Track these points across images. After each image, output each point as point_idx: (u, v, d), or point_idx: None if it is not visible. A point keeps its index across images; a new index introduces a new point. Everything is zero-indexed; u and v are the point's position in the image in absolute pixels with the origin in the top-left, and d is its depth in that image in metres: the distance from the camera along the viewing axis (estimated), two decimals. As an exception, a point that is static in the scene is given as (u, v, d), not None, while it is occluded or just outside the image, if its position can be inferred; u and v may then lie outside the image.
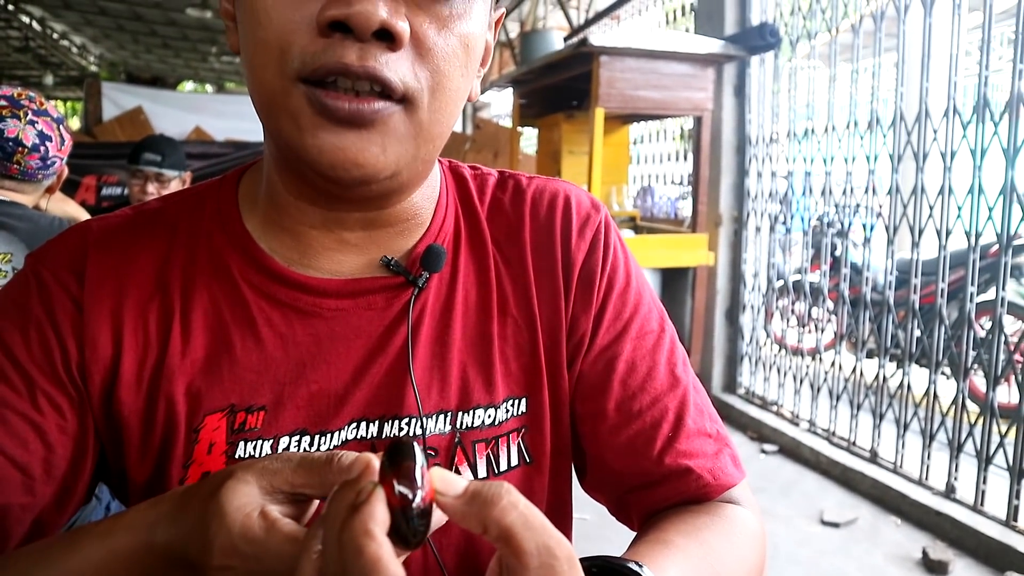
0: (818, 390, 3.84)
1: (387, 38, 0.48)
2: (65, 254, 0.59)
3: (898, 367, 3.35)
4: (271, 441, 0.57)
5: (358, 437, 0.59)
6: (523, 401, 0.63)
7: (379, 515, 0.35)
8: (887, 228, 3.34)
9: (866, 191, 3.49)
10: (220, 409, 0.57)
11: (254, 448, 0.57)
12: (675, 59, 3.87)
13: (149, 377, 0.57)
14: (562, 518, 0.68)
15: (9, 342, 0.56)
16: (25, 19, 12.39)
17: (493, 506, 0.38)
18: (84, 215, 1.98)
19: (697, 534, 0.58)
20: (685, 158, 5.26)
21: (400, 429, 0.59)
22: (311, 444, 0.58)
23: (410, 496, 0.36)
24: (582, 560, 0.44)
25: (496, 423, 0.62)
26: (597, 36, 3.73)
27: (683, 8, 5.21)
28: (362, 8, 0.46)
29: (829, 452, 3.54)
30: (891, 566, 2.70)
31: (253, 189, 0.63)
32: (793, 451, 3.74)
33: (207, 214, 0.62)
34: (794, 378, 4.01)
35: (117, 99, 6.59)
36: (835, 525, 2.98)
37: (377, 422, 0.59)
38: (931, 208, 3.06)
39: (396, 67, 0.49)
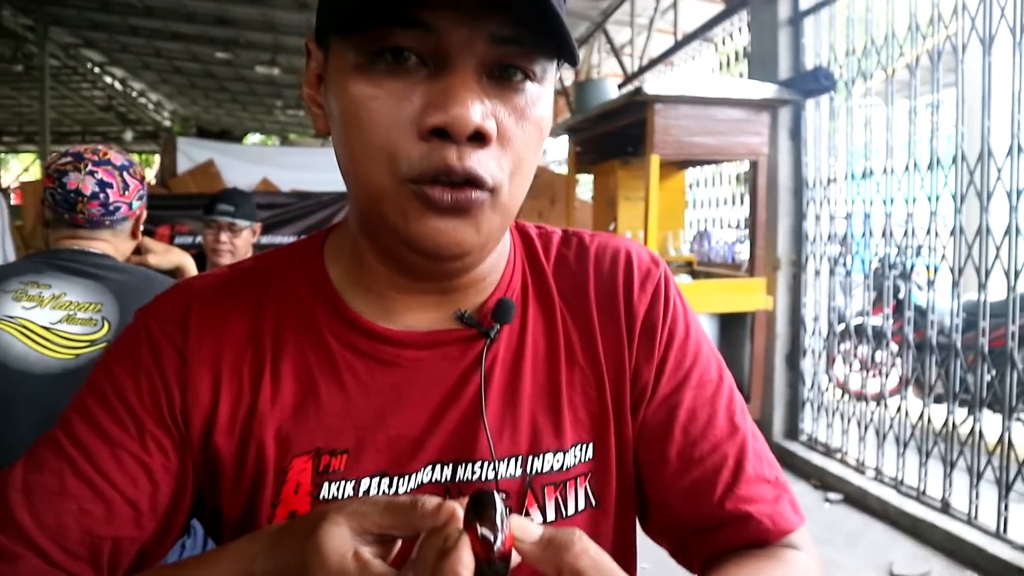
0: (884, 437, 3.72)
1: (478, 138, 0.54)
2: (171, 309, 0.65)
3: (968, 413, 3.23)
4: (353, 482, 0.62)
5: (434, 480, 0.63)
6: (590, 447, 0.67)
7: (466, 559, 0.40)
8: (952, 270, 3.27)
9: (928, 232, 3.42)
10: (306, 452, 0.62)
11: (337, 488, 0.61)
12: (729, 105, 3.90)
13: (242, 422, 0.62)
14: (627, 560, 0.70)
15: (123, 388, 0.62)
16: (108, 80, 13.14)
17: (567, 551, 0.43)
18: (188, 259, 2.10)
19: None
20: (742, 202, 5.23)
21: (473, 472, 0.63)
22: (390, 485, 0.62)
23: (492, 541, 0.41)
24: None
25: (564, 468, 0.65)
26: (651, 84, 3.79)
27: (736, 53, 5.25)
28: (459, 115, 0.52)
29: (897, 502, 3.42)
30: (967, 623, 2.58)
31: (337, 249, 0.69)
32: (859, 500, 3.62)
33: (296, 272, 0.68)
34: (858, 424, 3.90)
35: (190, 152, 6.92)
36: (906, 578, 2.87)
37: (451, 465, 0.63)
38: (998, 248, 2.99)
39: (486, 163, 0.55)
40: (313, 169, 6.80)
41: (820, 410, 4.23)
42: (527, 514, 0.64)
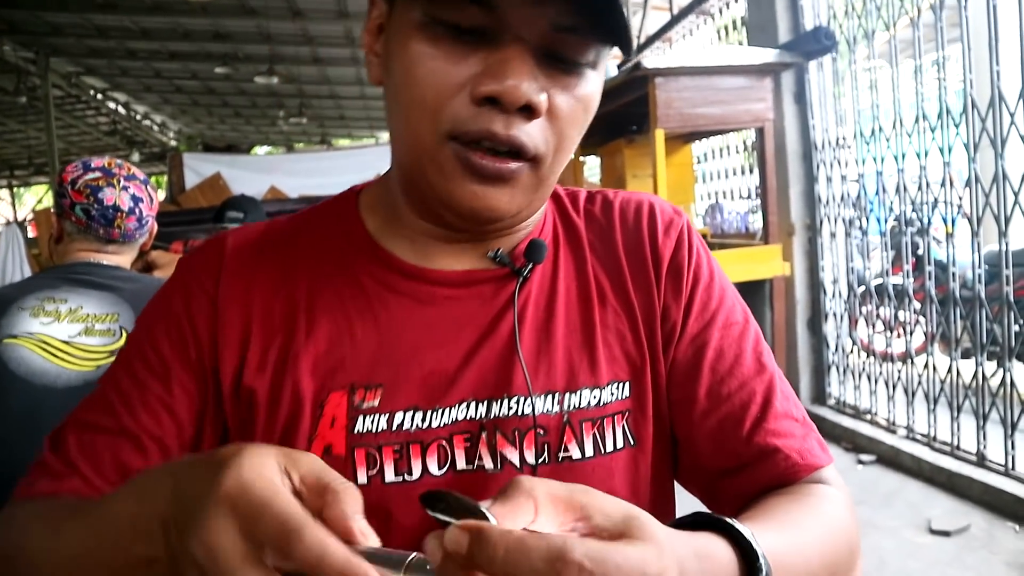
0: (913, 394, 3.68)
1: (527, 111, 0.56)
2: (205, 260, 0.68)
3: (998, 364, 3.19)
4: (387, 416, 0.63)
5: (468, 417, 0.64)
6: (626, 385, 0.67)
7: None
8: (970, 220, 3.22)
9: (943, 184, 3.37)
10: (342, 387, 0.63)
11: (372, 422, 0.62)
12: (731, 73, 3.86)
13: (275, 361, 0.64)
14: (665, 502, 0.71)
15: (155, 335, 0.66)
16: (112, 105, 13.26)
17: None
18: None
19: (786, 511, 0.59)
20: (751, 171, 5.19)
21: (509, 408, 0.64)
22: (423, 420, 0.63)
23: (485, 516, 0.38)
24: (676, 522, 0.47)
25: (601, 404, 0.66)
26: (650, 59, 3.76)
27: (734, 23, 5.19)
28: (513, 86, 0.54)
29: (931, 458, 3.38)
30: (1014, 574, 2.54)
31: (373, 200, 0.71)
32: (892, 460, 3.59)
33: (330, 222, 0.71)
34: (886, 384, 3.86)
35: (197, 168, 6.97)
36: (946, 534, 2.84)
37: (486, 402, 0.64)
38: (1016, 195, 2.94)
39: (532, 135, 0.57)
40: (320, 174, 6.82)
41: (846, 373, 4.19)
42: (565, 450, 0.64)
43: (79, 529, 0.52)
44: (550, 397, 0.65)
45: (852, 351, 4.19)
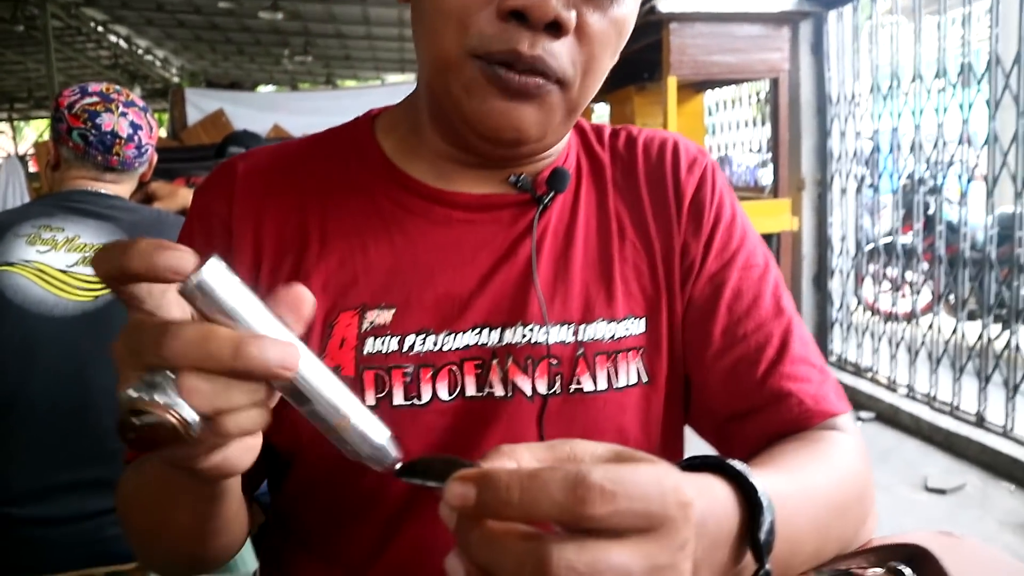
0: (916, 354, 3.67)
1: (555, 28, 0.53)
2: (217, 185, 0.67)
3: (1004, 327, 3.17)
4: (398, 338, 0.61)
5: (480, 343, 0.63)
6: (642, 321, 0.66)
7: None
8: (986, 180, 3.15)
9: (960, 143, 3.30)
10: (353, 307, 0.61)
11: (382, 344, 0.61)
12: (747, 20, 3.76)
13: (285, 281, 0.62)
14: (675, 443, 0.70)
15: None
16: (113, 38, 13.03)
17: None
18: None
19: (794, 455, 0.57)
20: (763, 123, 5.09)
21: (523, 336, 0.63)
22: (435, 343, 0.62)
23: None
24: (682, 462, 0.45)
25: (616, 338, 0.65)
26: (665, 2, 3.65)
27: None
28: (540, 1, 0.51)
29: (930, 417, 3.39)
30: (1007, 533, 2.57)
31: (392, 122, 0.69)
32: (891, 418, 3.60)
33: (345, 146, 0.69)
34: (889, 342, 3.85)
35: (199, 104, 6.86)
36: (941, 492, 2.86)
37: (499, 329, 0.63)
38: (1034, 155, 2.88)
39: (558, 55, 0.55)
40: (325, 113, 6.69)
41: (849, 330, 4.18)
42: (578, 382, 0.63)
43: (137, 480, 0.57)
44: (565, 327, 0.64)
45: (856, 309, 4.17)
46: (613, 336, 0.64)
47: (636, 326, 0.66)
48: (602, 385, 0.64)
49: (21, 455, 1.28)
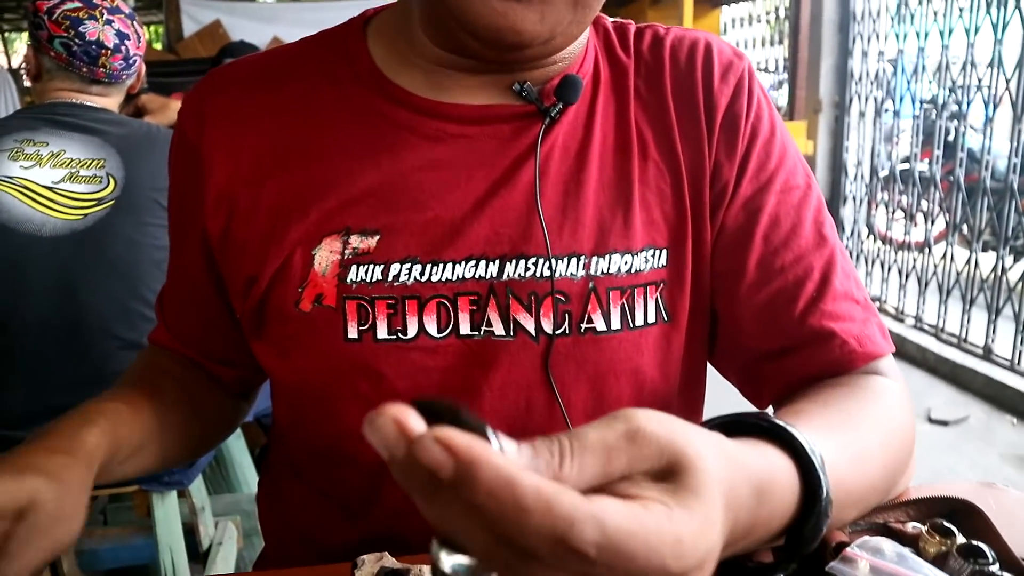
0: (926, 285, 3.62)
1: None
2: (191, 102, 0.63)
3: (1017, 259, 3.10)
4: (382, 266, 0.57)
5: (477, 276, 0.56)
6: (664, 253, 0.59)
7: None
8: (1014, 105, 3.02)
9: (990, 65, 3.15)
10: (336, 231, 0.56)
11: (366, 272, 0.56)
12: (772, -71, 3.55)
13: (266, 207, 0.58)
14: (696, 386, 0.65)
15: (171, 194, 0.67)
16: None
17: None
18: None
19: (838, 404, 0.52)
20: (780, 41, 4.90)
21: (526, 270, 0.56)
22: (422, 273, 0.56)
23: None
24: (710, 422, 0.40)
25: (633, 271, 0.58)
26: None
27: None
28: None
29: (937, 348, 3.37)
30: (1008, 466, 2.57)
31: (383, 25, 0.62)
32: (897, 348, 3.50)
33: (333, 52, 0.62)
34: (899, 272, 3.80)
35: (195, 14, 6.60)
36: (944, 423, 2.85)
37: (498, 261, 0.57)
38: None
39: None
40: (326, 25, 6.46)
41: (859, 259, 4.12)
42: (589, 321, 0.57)
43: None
44: (574, 260, 0.57)
45: (868, 238, 4.09)
46: (630, 269, 0.58)
47: (656, 258, 0.59)
48: (616, 324, 0.57)
49: (18, 377, 1.26)
